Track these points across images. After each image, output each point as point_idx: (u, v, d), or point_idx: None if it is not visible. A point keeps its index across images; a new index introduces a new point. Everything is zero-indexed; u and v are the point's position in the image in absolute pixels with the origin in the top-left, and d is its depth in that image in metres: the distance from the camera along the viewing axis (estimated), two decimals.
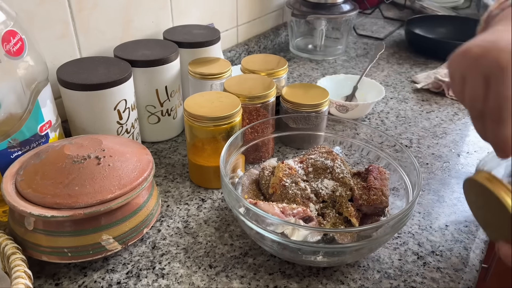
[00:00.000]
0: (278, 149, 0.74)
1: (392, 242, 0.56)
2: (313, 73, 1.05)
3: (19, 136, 0.54)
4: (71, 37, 0.69)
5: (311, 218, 0.50)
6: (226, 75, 0.74)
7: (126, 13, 0.76)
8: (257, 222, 0.48)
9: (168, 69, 0.70)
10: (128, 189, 0.50)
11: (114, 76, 0.62)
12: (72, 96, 0.61)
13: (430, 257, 0.54)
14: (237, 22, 1.05)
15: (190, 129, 0.61)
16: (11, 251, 0.46)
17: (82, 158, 0.50)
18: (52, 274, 0.51)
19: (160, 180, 0.67)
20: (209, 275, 0.51)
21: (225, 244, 0.56)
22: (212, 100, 0.63)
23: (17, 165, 0.52)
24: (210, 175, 0.64)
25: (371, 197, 0.54)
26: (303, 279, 0.51)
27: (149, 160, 0.55)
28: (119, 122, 0.65)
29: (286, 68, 0.78)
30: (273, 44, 1.19)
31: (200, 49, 0.78)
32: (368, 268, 0.53)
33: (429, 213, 0.61)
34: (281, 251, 0.50)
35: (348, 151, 0.69)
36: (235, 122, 0.61)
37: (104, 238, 0.49)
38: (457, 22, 1.23)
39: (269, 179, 0.58)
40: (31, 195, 0.47)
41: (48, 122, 0.57)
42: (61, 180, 0.48)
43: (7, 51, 0.49)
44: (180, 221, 0.59)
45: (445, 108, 0.90)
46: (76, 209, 0.47)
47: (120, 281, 0.50)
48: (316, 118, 0.71)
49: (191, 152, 0.64)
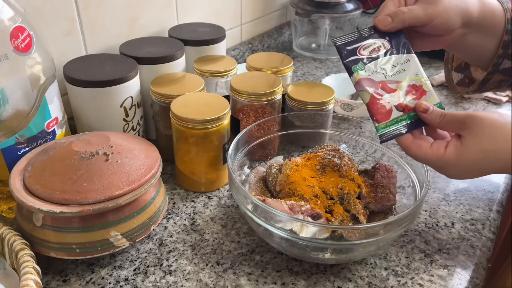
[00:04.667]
0: (284, 147, 0.74)
1: (399, 239, 0.56)
2: (317, 72, 1.05)
3: (26, 133, 0.54)
4: (77, 34, 0.69)
5: (319, 215, 0.50)
6: (231, 73, 0.74)
7: (131, 10, 0.76)
8: (266, 219, 0.48)
9: (173, 67, 0.70)
10: (136, 185, 0.50)
11: (121, 73, 0.62)
12: (78, 93, 0.61)
13: (437, 255, 0.54)
14: (241, 21, 1.05)
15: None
16: (20, 247, 0.46)
17: (90, 155, 0.50)
18: (59, 270, 0.51)
19: (166, 177, 0.67)
20: (216, 272, 0.51)
21: (232, 241, 0.56)
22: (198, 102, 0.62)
23: (24, 162, 0.52)
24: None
25: (379, 195, 0.54)
26: (310, 276, 0.51)
27: (157, 157, 0.55)
28: (125, 119, 0.64)
29: (291, 66, 0.78)
30: (277, 43, 1.19)
31: (206, 47, 0.78)
32: (376, 265, 0.53)
33: (435, 211, 0.61)
34: (290, 248, 0.50)
35: (353, 149, 0.69)
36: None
37: (112, 234, 0.49)
38: None
39: (277, 176, 0.58)
40: (39, 191, 0.47)
41: (55, 119, 0.57)
42: (70, 176, 0.48)
43: (15, 47, 0.49)
44: (186, 218, 0.59)
45: (450, 106, 0.90)
46: (84, 205, 0.46)
47: (127, 277, 0.50)
48: (321, 116, 0.71)
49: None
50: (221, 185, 0.65)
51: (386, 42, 0.52)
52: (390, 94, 0.51)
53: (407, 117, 0.50)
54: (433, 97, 0.51)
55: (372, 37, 0.52)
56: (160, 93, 0.64)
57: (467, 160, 0.44)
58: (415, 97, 0.51)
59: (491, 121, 0.43)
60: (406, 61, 0.52)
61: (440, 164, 0.46)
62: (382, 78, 0.51)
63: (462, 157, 0.44)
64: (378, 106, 0.50)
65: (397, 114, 0.50)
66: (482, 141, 0.43)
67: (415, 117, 0.50)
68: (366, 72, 0.51)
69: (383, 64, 0.52)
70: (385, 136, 0.50)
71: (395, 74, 0.51)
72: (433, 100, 0.51)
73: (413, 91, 0.51)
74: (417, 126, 0.50)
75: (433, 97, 0.51)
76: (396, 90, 0.51)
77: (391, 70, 0.51)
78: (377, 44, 0.52)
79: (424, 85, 0.51)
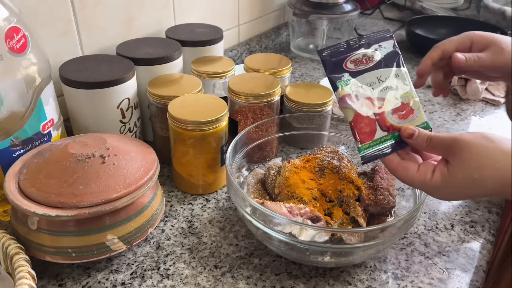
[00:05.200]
0: (282, 149, 0.74)
1: (398, 242, 0.56)
2: (315, 73, 1.05)
3: (21, 135, 0.53)
4: (73, 34, 0.68)
5: (318, 218, 0.49)
6: (229, 74, 0.74)
7: (128, 11, 0.75)
8: (264, 222, 0.48)
9: (171, 68, 0.70)
10: (133, 188, 0.49)
11: (118, 74, 0.61)
12: (74, 95, 0.61)
13: (437, 257, 0.54)
14: (238, 22, 1.05)
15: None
16: (14, 251, 0.45)
17: (87, 157, 0.49)
18: (55, 274, 0.50)
19: (163, 179, 0.66)
20: (214, 276, 0.50)
21: (230, 245, 0.55)
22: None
23: (19, 164, 0.52)
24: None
25: (378, 197, 0.54)
26: (309, 280, 0.50)
27: (154, 159, 0.54)
28: (122, 120, 0.64)
29: (289, 67, 0.78)
30: (274, 44, 1.19)
31: (203, 48, 0.77)
32: (375, 268, 0.52)
33: (435, 214, 0.61)
34: (289, 251, 0.49)
35: (352, 151, 0.69)
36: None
37: (109, 238, 0.48)
38: (457, 23, 1.23)
39: (275, 178, 0.58)
40: (35, 194, 0.47)
41: (51, 121, 0.56)
42: (66, 179, 0.47)
43: (10, 48, 0.48)
44: (184, 221, 0.59)
45: (448, 108, 0.89)
46: (80, 208, 0.46)
47: (124, 281, 0.50)
48: (320, 117, 0.70)
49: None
50: (219, 187, 0.65)
51: (376, 53, 0.50)
52: (375, 113, 0.49)
53: (391, 137, 0.48)
54: (420, 116, 0.49)
55: (362, 47, 0.51)
56: (157, 94, 0.63)
57: (454, 188, 0.44)
58: (402, 116, 0.49)
59: (478, 148, 0.42)
60: (396, 76, 0.50)
61: (426, 188, 0.46)
62: (368, 94, 0.49)
63: (449, 184, 0.44)
64: (361, 125, 0.48)
65: (381, 134, 0.48)
66: (469, 169, 0.42)
67: (400, 136, 0.48)
68: (352, 88, 0.49)
69: (370, 79, 0.50)
70: (367, 157, 0.48)
71: (382, 90, 0.49)
72: (421, 119, 0.49)
73: (400, 109, 0.49)
74: (402, 146, 0.48)
75: (420, 116, 0.49)
76: (381, 108, 0.49)
77: (378, 85, 0.49)
78: (367, 56, 0.50)
79: (413, 103, 0.49)
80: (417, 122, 0.49)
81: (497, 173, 0.41)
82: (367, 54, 0.50)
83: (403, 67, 0.51)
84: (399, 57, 0.51)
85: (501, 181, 0.41)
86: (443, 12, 1.43)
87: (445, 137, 0.45)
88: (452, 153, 0.44)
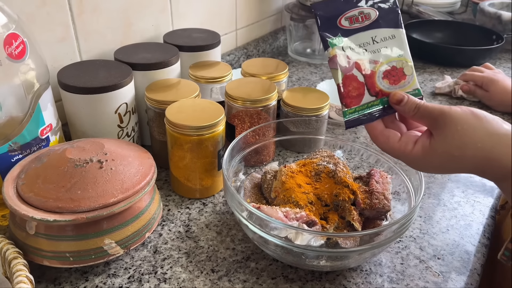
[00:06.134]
0: (279, 153, 0.74)
1: (394, 246, 0.57)
2: (312, 77, 1.06)
3: (20, 140, 0.53)
4: (71, 40, 0.68)
5: (314, 222, 0.50)
6: (226, 78, 0.74)
7: (126, 16, 0.76)
8: (261, 226, 0.48)
9: (168, 72, 0.70)
10: (130, 193, 0.49)
11: (115, 80, 0.62)
12: (72, 100, 0.61)
13: (432, 261, 0.54)
14: (236, 26, 1.06)
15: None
16: (13, 255, 0.46)
17: (84, 162, 0.50)
18: (53, 278, 0.50)
19: (161, 184, 0.67)
20: (211, 280, 0.51)
21: (227, 249, 0.55)
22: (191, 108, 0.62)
23: (18, 169, 0.52)
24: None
25: (373, 201, 0.54)
26: (305, 284, 0.51)
27: (151, 163, 0.55)
28: (120, 125, 0.64)
29: (286, 72, 0.79)
30: (272, 48, 1.20)
31: (201, 53, 0.78)
32: (371, 272, 0.53)
33: (430, 217, 0.62)
34: (285, 255, 0.50)
35: (348, 155, 0.69)
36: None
37: (107, 242, 0.49)
38: (454, 27, 1.24)
39: (272, 183, 0.58)
40: (33, 199, 0.47)
41: (49, 126, 0.57)
42: (63, 184, 0.48)
43: (8, 54, 0.49)
44: (181, 225, 0.59)
45: None
46: (78, 213, 0.46)
47: (122, 285, 0.50)
48: (316, 122, 0.71)
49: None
50: (216, 191, 0.65)
51: (374, 11, 0.47)
52: (366, 75, 0.46)
53: (379, 103, 0.46)
54: (413, 82, 0.47)
55: (358, 3, 0.47)
56: (155, 99, 0.64)
57: (432, 162, 0.43)
58: (393, 81, 0.47)
59: (463, 125, 0.41)
60: (392, 37, 0.47)
61: (405, 159, 0.45)
62: (360, 56, 0.46)
63: (428, 158, 0.43)
64: (349, 88, 0.46)
65: (369, 99, 0.46)
66: (450, 146, 0.41)
67: (388, 102, 0.46)
68: (343, 48, 0.46)
69: (364, 39, 0.46)
70: (351, 123, 0.46)
71: (375, 52, 0.47)
72: (413, 85, 0.47)
73: (392, 73, 0.46)
74: (388, 112, 0.47)
75: (413, 82, 0.47)
76: (372, 71, 0.46)
77: (371, 46, 0.46)
78: (363, 13, 0.47)
79: (406, 68, 0.47)
80: (408, 89, 0.47)
81: (477, 153, 0.41)
82: (364, 12, 0.47)
83: (401, 28, 0.47)
84: (399, 16, 0.47)
85: (481, 162, 0.41)
86: (439, 16, 1.44)
87: (433, 108, 0.43)
88: (437, 126, 0.43)
